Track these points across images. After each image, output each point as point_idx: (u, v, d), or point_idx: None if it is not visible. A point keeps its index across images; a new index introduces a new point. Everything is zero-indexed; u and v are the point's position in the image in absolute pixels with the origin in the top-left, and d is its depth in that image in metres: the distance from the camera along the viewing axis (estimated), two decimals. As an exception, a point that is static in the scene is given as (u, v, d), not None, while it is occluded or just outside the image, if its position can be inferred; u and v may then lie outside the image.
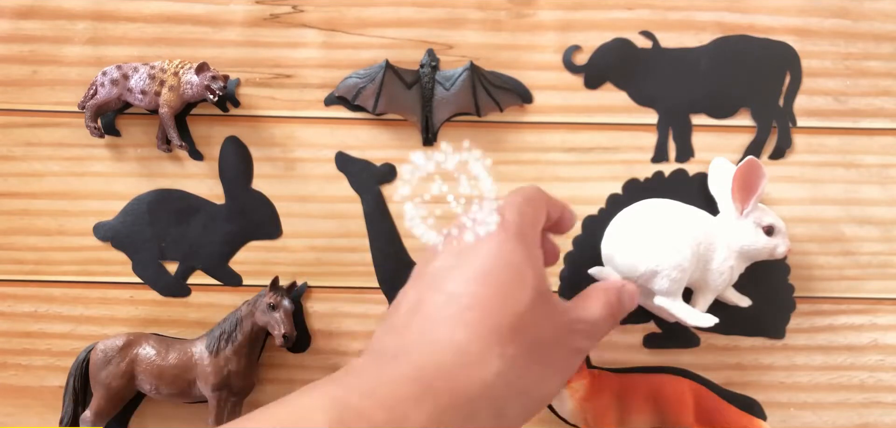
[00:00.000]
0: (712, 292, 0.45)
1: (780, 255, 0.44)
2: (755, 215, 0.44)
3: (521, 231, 0.33)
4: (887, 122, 0.50)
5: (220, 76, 0.48)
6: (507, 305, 0.31)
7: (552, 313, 0.33)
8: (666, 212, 0.44)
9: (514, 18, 0.50)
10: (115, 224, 0.51)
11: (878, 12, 0.50)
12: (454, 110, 0.49)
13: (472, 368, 0.29)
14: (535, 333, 0.32)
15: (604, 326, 0.36)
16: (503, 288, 0.31)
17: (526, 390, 0.31)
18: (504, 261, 0.32)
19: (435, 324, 0.31)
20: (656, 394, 0.49)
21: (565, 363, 0.34)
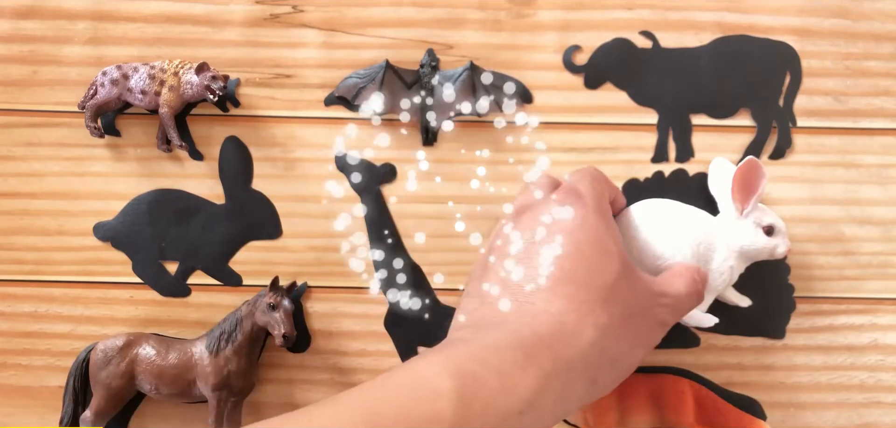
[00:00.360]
0: (712, 293, 0.45)
1: (780, 255, 0.45)
2: (755, 215, 0.44)
3: (599, 205, 0.35)
4: (887, 122, 0.50)
5: (220, 76, 0.48)
6: (597, 277, 0.32)
7: (638, 285, 0.35)
8: (667, 212, 0.44)
9: (514, 18, 0.50)
10: (115, 224, 0.51)
11: (878, 12, 0.50)
12: (454, 110, 0.49)
13: (570, 337, 0.31)
14: (624, 303, 0.33)
15: (687, 303, 0.38)
16: (592, 261, 0.33)
17: (617, 358, 0.33)
18: (589, 235, 0.33)
19: (531, 296, 0.32)
20: (656, 394, 0.49)
21: (650, 334, 0.35)
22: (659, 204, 0.45)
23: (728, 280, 0.45)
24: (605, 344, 0.32)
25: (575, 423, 0.49)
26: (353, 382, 0.51)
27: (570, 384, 0.31)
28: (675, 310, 0.37)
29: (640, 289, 0.35)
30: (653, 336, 0.36)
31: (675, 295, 0.37)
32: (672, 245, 0.42)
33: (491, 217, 0.50)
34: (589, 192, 0.35)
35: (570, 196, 0.35)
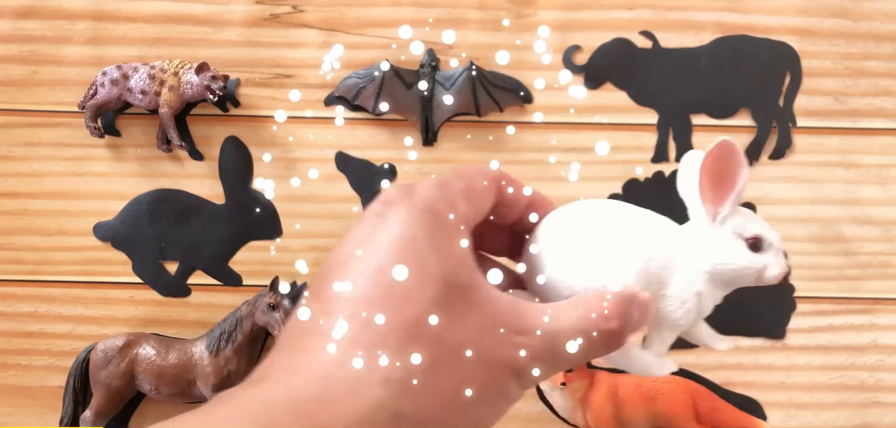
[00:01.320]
0: (671, 330, 0.31)
1: (771, 279, 0.31)
2: (735, 222, 0.31)
3: (433, 208, 0.25)
4: (887, 122, 0.50)
5: (220, 76, 0.48)
6: (398, 310, 0.23)
7: (472, 315, 0.24)
8: (609, 216, 0.31)
9: (515, 18, 0.50)
10: (115, 224, 0.51)
11: (878, 12, 0.50)
12: (454, 110, 0.49)
13: (342, 400, 0.22)
14: (441, 343, 0.24)
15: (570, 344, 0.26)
16: (394, 287, 0.24)
17: (429, 425, 0.24)
18: (399, 248, 0.24)
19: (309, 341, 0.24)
20: (656, 394, 0.49)
21: (491, 387, 0.25)
22: (603, 205, 0.32)
23: (694, 312, 0.31)
24: (401, 405, 0.23)
25: (575, 423, 0.49)
26: (353, 382, 0.51)
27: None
28: (544, 356, 0.25)
29: (473, 324, 0.24)
30: (499, 387, 0.25)
31: (546, 332, 0.25)
32: (602, 268, 0.29)
33: (491, 217, 0.50)
34: (425, 192, 0.26)
35: (396, 195, 0.26)
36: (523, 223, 0.30)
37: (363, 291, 0.24)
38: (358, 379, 0.22)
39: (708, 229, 0.31)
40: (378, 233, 0.25)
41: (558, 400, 0.49)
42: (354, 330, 0.23)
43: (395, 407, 0.23)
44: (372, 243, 0.25)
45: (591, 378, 0.49)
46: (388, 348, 0.23)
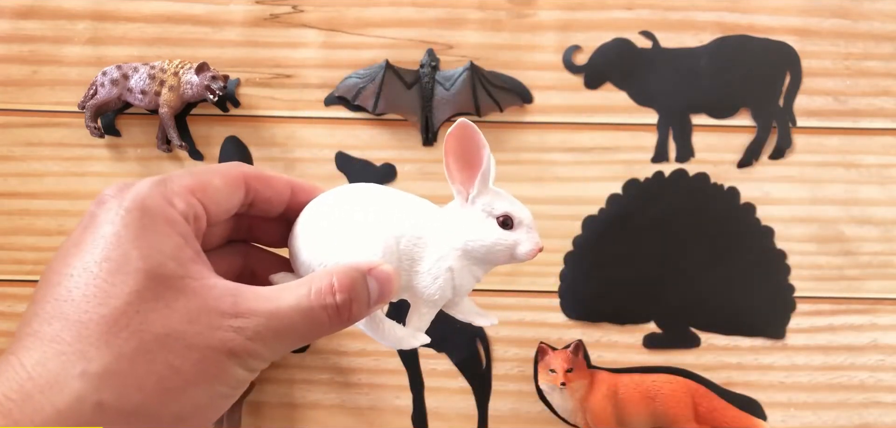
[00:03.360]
0: (428, 304, 0.32)
1: (522, 256, 0.32)
2: (485, 201, 0.32)
3: (145, 204, 0.26)
4: (887, 122, 0.50)
5: (220, 76, 0.48)
6: (96, 305, 0.24)
7: (178, 302, 0.25)
8: (363, 197, 0.32)
9: (514, 18, 0.50)
10: (115, 224, 0.51)
11: (878, 12, 0.50)
12: (454, 110, 0.49)
13: (41, 395, 0.23)
14: (143, 332, 0.24)
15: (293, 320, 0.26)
16: (94, 281, 0.24)
17: (136, 413, 0.24)
18: (104, 244, 0.25)
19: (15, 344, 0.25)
20: (656, 394, 0.49)
21: (206, 368, 0.25)
22: (359, 188, 0.32)
23: (447, 288, 0.32)
24: (104, 395, 0.23)
25: (575, 423, 0.49)
26: (353, 382, 0.51)
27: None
28: (265, 334, 0.26)
29: (179, 310, 0.25)
30: (213, 371, 0.25)
31: (262, 313, 0.26)
32: (351, 246, 0.30)
33: (491, 217, 0.50)
34: (136, 189, 0.27)
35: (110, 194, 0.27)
36: (293, 212, 0.31)
37: (67, 290, 0.25)
38: (57, 375, 0.23)
39: (460, 209, 0.32)
40: (87, 233, 0.26)
41: (558, 400, 0.49)
42: (57, 329, 0.24)
43: (97, 398, 0.23)
44: (80, 244, 0.26)
45: (591, 378, 0.49)
46: (88, 343, 0.24)
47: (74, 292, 0.25)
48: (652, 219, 0.50)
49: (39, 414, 0.23)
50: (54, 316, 0.24)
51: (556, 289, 0.51)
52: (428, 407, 0.51)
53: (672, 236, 0.50)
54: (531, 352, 0.50)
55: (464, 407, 0.51)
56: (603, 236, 0.50)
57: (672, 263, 0.50)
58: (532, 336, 0.50)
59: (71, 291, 0.25)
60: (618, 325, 0.51)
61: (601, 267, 0.50)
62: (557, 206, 0.50)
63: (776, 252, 0.50)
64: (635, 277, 0.50)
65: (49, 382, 0.23)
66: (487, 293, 0.51)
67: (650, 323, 0.51)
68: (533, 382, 0.50)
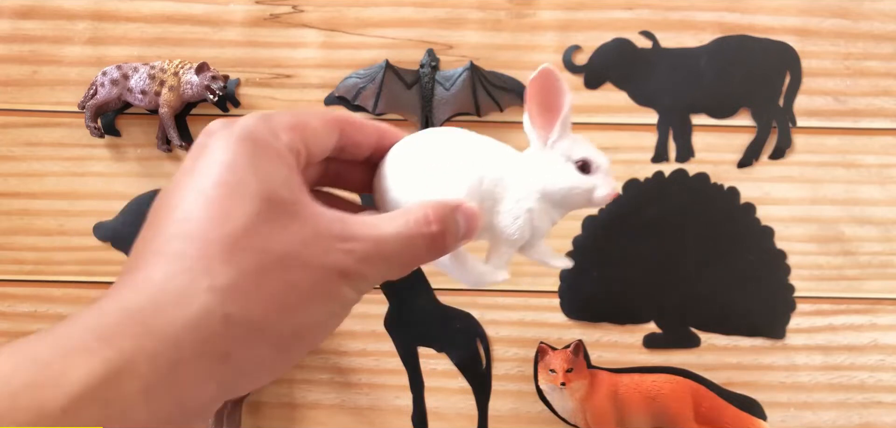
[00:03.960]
0: (507, 244, 0.34)
1: (599, 200, 0.33)
2: (564, 146, 0.33)
3: (252, 136, 0.27)
4: (887, 122, 0.50)
5: (220, 76, 0.48)
6: (219, 226, 0.25)
7: (294, 225, 0.27)
8: (448, 140, 0.33)
9: (514, 18, 0.50)
10: (115, 224, 0.51)
11: (878, 12, 0.50)
12: (454, 110, 0.49)
13: (171, 307, 0.24)
14: (264, 253, 0.26)
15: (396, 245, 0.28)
16: (213, 205, 0.26)
17: (259, 325, 0.26)
18: (219, 172, 0.26)
19: (138, 261, 0.26)
20: (656, 394, 0.49)
21: (319, 288, 0.27)
22: (431, 135, 0.34)
23: (526, 229, 0.33)
24: (229, 308, 0.25)
25: (575, 423, 0.49)
26: (353, 382, 0.51)
27: (178, 364, 0.24)
28: (370, 258, 0.28)
29: (295, 232, 0.27)
30: (328, 288, 0.27)
31: (368, 237, 0.28)
32: (437, 184, 0.31)
33: (491, 217, 0.50)
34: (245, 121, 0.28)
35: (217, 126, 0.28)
36: (377, 157, 0.33)
37: (187, 211, 0.26)
38: (185, 288, 0.24)
39: (540, 152, 0.33)
40: (200, 161, 0.27)
41: (558, 400, 0.49)
42: (181, 247, 0.25)
43: (224, 311, 0.24)
44: (195, 171, 0.27)
45: (591, 378, 0.49)
46: (213, 260, 0.25)
47: (195, 213, 0.26)
48: (652, 219, 0.50)
49: (172, 325, 0.24)
50: (177, 235, 0.26)
51: (556, 289, 0.51)
52: (428, 407, 0.51)
53: (672, 236, 0.50)
54: (531, 352, 0.50)
55: (464, 407, 0.51)
56: (603, 236, 0.50)
57: (672, 263, 0.50)
58: (532, 336, 0.50)
59: (191, 212, 0.26)
60: (618, 325, 0.51)
61: (601, 267, 0.50)
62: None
63: (776, 252, 0.50)
64: (635, 277, 0.50)
65: (178, 294, 0.24)
66: (488, 293, 0.51)
67: (650, 323, 0.51)
68: (533, 382, 0.50)
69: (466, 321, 0.51)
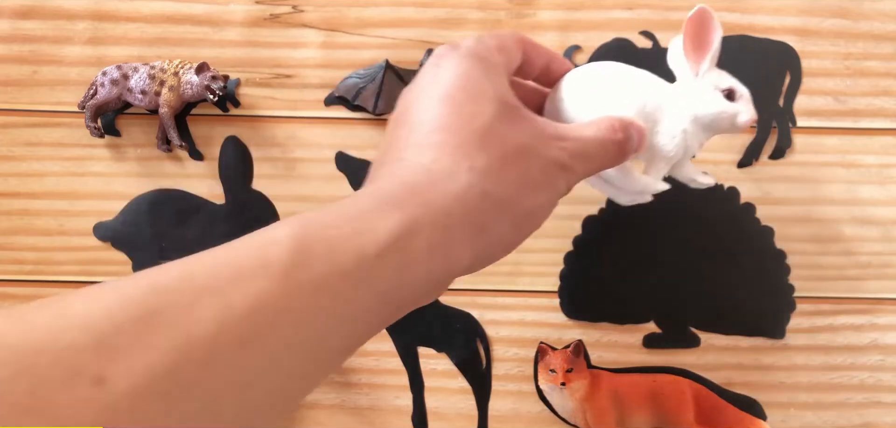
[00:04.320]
0: (664, 161, 0.39)
1: (742, 124, 0.38)
2: (712, 77, 0.39)
3: (478, 54, 0.33)
4: (887, 122, 0.50)
5: (220, 76, 0.48)
6: (469, 121, 0.31)
7: (523, 124, 0.33)
8: (607, 72, 0.39)
9: (514, 18, 0.50)
10: (115, 224, 0.51)
11: (878, 12, 0.50)
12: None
13: (442, 182, 0.29)
14: (505, 143, 0.31)
15: (596, 149, 0.34)
16: (462, 105, 0.31)
17: (505, 202, 0.31)
18: (460, 81, 0.32)
19: (403, 152, 0.31)
20: (656, 394, 0.49)
21: (546, 176, 0.33)
22: (600, 65, 0.40)
23: (680, 147, 0.39)
24: (486, 186, 0.30)
25: (575, 423, 0.49)
26: (353, 382, 0.51)
27: (449, 230, 0.29)
28: (579, 155, 0.34)
29: (525, 129, 0.32)
30: (550, 178, 0.33)
31: (577, 137, 0.34)
32: (614, 101, 0.37)
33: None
34: (467, 44, 0.34)
35: (445, 50, 0.34)
36: (543, 77, 0.39)
37: (440, 112, 0.31)
38: (451, 168, 0.30)
39: (691, 82, 0.39)
40: (439, 75, 0.33)
41: (558, 400, 0.49)
42: (441, 138, 0.31)
43: (483, 187, 0.30)
44: (436, 83, 0.33)
45: (591, 378, 0.49)
46: (470, 148, 0.30)
47: (447, 114, 0.31)
48: (652, 219, 0.50)
49: (444, 197, 0.29)
50: (436, 129, 0.31)
51: (556, 289, 0.51)
52: (428, 407, 0.51)
53: (672, 236, 0.50)
54: (531, 352, 0.50)
55: (464, 407, 0.51)
56: (603, 236, 0.50)
57: (672, 263, 0.50)
58: (532, 336, 0.50)
59: (443, 113, 0.31)
60: (618, 325, 0.51)
61: (601, 267, 0.50)
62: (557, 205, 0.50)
63: (776, 252, 0.50)
64: (635, 277, 0.50)
65: (445, 172, 0.30)
66: (488, 293, 0.51)
67: (650, 323, 0.51)
68: (533, 382, 0.50)
69: (466, 321, 0.51)
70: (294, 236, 0.25)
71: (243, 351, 0.23)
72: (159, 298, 0.22)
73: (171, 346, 0.22)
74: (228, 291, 0.23)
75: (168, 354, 0.21)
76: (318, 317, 0.25)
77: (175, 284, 0.23)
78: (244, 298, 0.23)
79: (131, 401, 0.21)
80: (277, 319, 0.24)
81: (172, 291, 0.23)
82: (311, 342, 0.25)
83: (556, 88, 0.39)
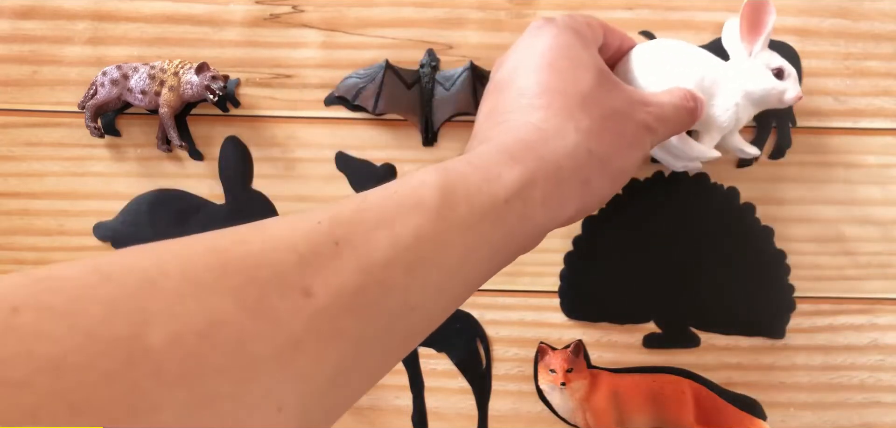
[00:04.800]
0: (718, 131, 0.45)
1: (789, 100, 0.44)
2: (764, 57, 0.44)
3: (572, 26, 0.37)
4: (887, 122, 0.50)
5: (220, 76, 0.48)
6: (572, 86, 0.34)
7: (617, 90, 0.36)
8: (671, 48, 0.45)
9: (514, 18, 0.50)
10: (115, 224, 0.51)
11: (878, 12, 0.50)
12: (454, 110, 0.49)
13: (553, 140, 0.32)
14: (604, 107, 0.34)
15: (673, 114, 0.39)
16: (565, 72, 0.34)
17: (606, 158, 0.34)
18: (560, 50, 0.35)
19: (511, 114, 0.34)
20: (656, 394, 0.49)
21: (637, 136, 0.36)
22: (664, 42, 0.46)
23: (733, 119, 0.44)
24: (590, 144, 0.33)
25: (575, 423, 0.49)
26: (353, 382, 0.51)
27: (560, 183, 0.32)
28: (661, 118, 0.38)
29: (619, 95, 0.36)
30: (640, 138, 0.37)
31: (658, 103, 0.38)
32: (677, 76, 0.42)
33: (491, 217, 0.50)
34: (561, 18, 0.37)
35: (542, 22, 0.37)
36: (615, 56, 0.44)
37: (546, 78, 0.35)
38: (559, 127, 0.33)
39: (745, 61, 0.44)
40: (539, 45, 0.36)
41: (558, 400, 0.49)
42: (550, 100, 0.34)
43: (588, 145, 0.33)
44: (537, 52, 0.36)
45: (591, 378, 0.49)
46: (575, 109, 0.34)
47: (551, 77, 0.34)
48: (652, 219, 0.50)
49: (555, 153, 0.32)
50: (542, 92, 0.34)
51: (556, 289, 0.51)
52: (428, 407, 0.51)
53: (672, 236, 0.50)
54: (531, 352, 0.50)
55: (464, 407, 0.51)
56: (603, 236, 0.50)
57: (672, 263, 0.50)
58: (532, 336, 0.50)
59: (548, 78, 0.34)
60: (618, 325, 0.51)
61: (601, 267, 0.50)
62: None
63: (776, 252, 0.50)
64: (635, 277, 0.50)
65: (555, 130, 0.33)
66: (488, 293, 0.51)
67: (650, 323, 0.51)
68: (533, 382, 0.50)
69: (466, 321, 0.51)
70: (440, 181, 0.29)
71: (409, 275, 0.27)
72: (342, 229, 0.26)
73: (356, 266, 0.26)
74: (395, 224, 0.27)
75: (355, 275, 0.25)
76: (463, 250, 0.29)
77: (353, 217, 0.27)
78: (407, 230, 0.27)
79: (331, 312, 0.24)
80: (433, 249, 0.28)
81: (353, 222, 0.27)
82: (458, 269, 0.29)
83: (625, 60, 0.45)
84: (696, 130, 0.46)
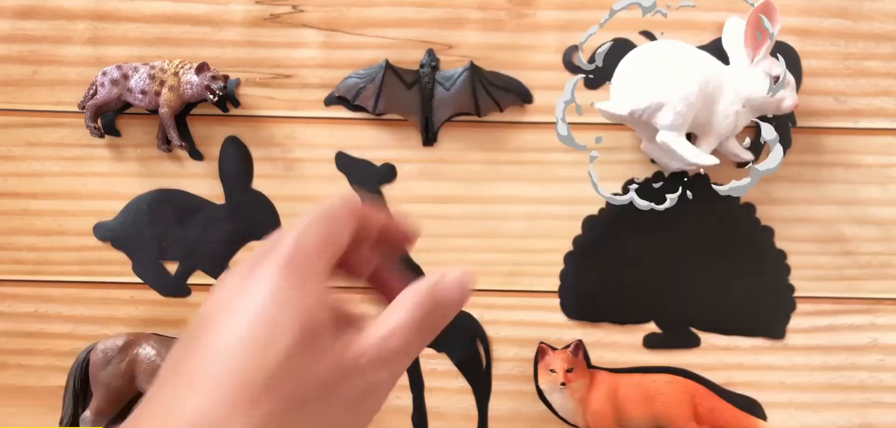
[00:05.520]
0: (716, 136, 0.45)
1: (786, 108, 0.45)
2: (765, 65, 0.45)
3: (293, 261, 0.28)
4: (887, 122, 0.50)
5: (220, 76, 0.48)
6: (257, 358, 0.26)
7: (326, 354, 0.27)
8: (676, 50, 0.45)
9: (514, 18, 0.50)
10: (115, 224, 0.51)
11: (878, 12, 0.50)
12: (454, 110, 0.49)
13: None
14: (299, 387, 0.26)
15: (410, 333, 0.29)
16: (251, 340, 0.26)
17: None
18: (257, 305, 0.27)
19: (175, 393, 0.26)
20: (656, 394, 0.49)
21: (354, 412, 0.28)
22: (670, 43, 0.46)
23: (733, 126, 0.45)
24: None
25: (575, 423, 0.49)
26: (353, 382, 0.51)
27: None
28: (386, 363, 0.28)
29: (328, 358, 0.27)
30: (360, 411, 0.28)
31: (379, 340, 0.28)
32: (679, 78, 0.43)
33: (491, 217, 0.50)
34: (286, 246, 0.28)
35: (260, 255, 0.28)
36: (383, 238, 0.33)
37: (228, 342, 0.26)
38: (220, 422, 0.24)
39: (747, 68, 0.45)
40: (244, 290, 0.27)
41: (558, 400, 0.49)
42: (220, 376, 0.25)
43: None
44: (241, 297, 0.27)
45: (591, 378, 0.49)
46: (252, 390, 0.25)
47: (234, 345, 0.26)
48: (652, 219, 0.50)
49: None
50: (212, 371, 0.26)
51: (556, 289, 0.51)
52: (428, 407, 0.51)
53: (672, 236, 0.50)
54: (531, 352, 0.50)
55: (464, 407, 0.51)
56: (603, 236, 0.50)
57: (672, 263, 0.50)
58: (532, 336, 0.50)
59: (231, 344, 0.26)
60: (618, 325, 0.51)
61: (601, 267, 0.50)
62: (557, 206, 0.50)
63: (776, 252, 0.50)
64: (635, 276, 0.50)
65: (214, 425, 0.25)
66: (488, 293, 0.51)
67: (650, 323, 0.51)
68: (533, 382, 0.50)
69: (466, 321, 0.51)
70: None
71: None
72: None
73: None
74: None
75: None
76: None
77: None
78: None
79: None
80: None
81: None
82: None
83: (622, 66, 0.45)
84: (694, 135, 0.46)
